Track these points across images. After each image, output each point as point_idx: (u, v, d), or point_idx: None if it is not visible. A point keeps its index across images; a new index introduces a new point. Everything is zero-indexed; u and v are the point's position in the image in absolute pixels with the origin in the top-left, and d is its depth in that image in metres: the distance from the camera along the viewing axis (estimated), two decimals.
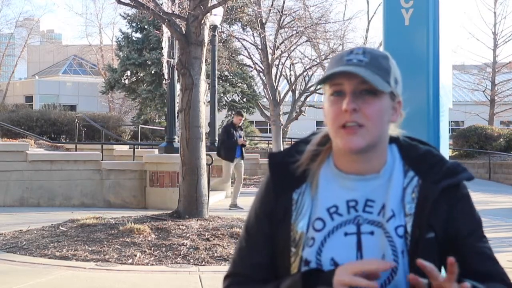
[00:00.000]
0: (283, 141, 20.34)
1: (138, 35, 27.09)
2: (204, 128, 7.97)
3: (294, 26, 20.23)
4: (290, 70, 23.98)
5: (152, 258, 5.91)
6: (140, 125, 21.96)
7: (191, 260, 5.88)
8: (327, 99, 1.37)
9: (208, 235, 6.62)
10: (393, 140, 1.45)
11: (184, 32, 7.73)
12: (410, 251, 1.31)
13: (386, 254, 1.32)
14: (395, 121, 1.41)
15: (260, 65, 20.47)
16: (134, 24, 26.72)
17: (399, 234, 1.33)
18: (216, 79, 15.56)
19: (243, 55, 23.73)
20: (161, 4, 8.43)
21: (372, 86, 1.32)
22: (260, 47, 19.75)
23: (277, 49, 19.44)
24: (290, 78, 23.76)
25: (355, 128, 1.31)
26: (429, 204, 1.34)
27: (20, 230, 7.37)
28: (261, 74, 20.67)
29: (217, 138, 15.30)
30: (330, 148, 1.44)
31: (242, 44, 22.12)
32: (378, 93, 1.33)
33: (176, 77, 10.54)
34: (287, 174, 1.43)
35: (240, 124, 11.06)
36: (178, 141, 8.88)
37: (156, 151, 12.68)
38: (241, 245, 1.47)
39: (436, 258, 1.33)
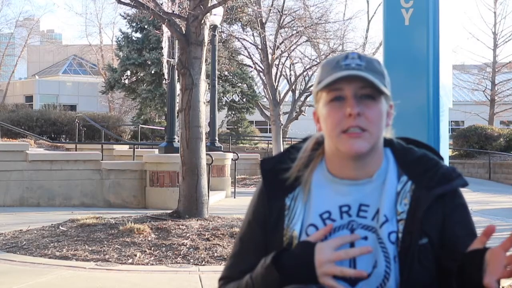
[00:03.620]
0: (283, 141, 20.32)
1: (138, 35, 27.09)
2: (204, 128, 7.97)
3: (294, 26, 20.23)
4: (290, 70, 23.98)
5: (152, 258, 5.91)
6: (140, 125, 21.94)
7: (191, 260, 5.88)
8: (324, 105, 1.35)
9: (208, 235, 6.62)
10: (387, 143, 1.43)
11: (184, 32, 7.73)
12: (400, 256, 1.30)
13: (378, 260, 1.31)
14: (389, 125, 1.41)
15: (260, 65, 20.47)
16: (134, 24, 26.71)
17: (392, 240, 1.31)
18: (216, 79, 15.55)
19: (243, 55, 23.72)
20: (161, 4, 8.42)
21: (371, 91, 1.32)
22: (260, 47, 19.75)
23: (277, 49, 19.43)
24: (290, 78, 23.74)
25: (359, 133, 1.30)
26: (421, 210, 1.32)
27: (20, 230, 7.37)
28: (261, 74, 20.66)
29: (217, 138, 15.29)
30: (322, 154, 1.43)
31: (242, 44, 22.13)
32: (376, 97, 1.33)
33: (176, 77, 10.53)
34: (279, 180, 1.43)
35: None
36: (178, 141, 8.88)
37: (156, 151, 12.67)
38: (234, 251, 1.51)
39: (431, 265, 1.31)
